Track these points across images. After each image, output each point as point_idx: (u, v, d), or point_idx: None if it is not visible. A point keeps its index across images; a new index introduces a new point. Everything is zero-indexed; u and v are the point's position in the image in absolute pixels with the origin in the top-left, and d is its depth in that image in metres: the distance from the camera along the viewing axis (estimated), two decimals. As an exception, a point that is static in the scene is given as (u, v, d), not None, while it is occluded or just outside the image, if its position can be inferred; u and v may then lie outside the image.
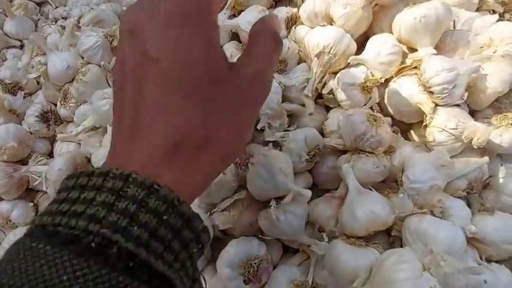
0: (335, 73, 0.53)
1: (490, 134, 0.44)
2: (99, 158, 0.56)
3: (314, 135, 0.52)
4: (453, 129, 0.44)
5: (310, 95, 0.51)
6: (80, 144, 0.62)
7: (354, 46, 0.50)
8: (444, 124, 0.44)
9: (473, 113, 0.50)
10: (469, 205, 0.52)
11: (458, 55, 0.50)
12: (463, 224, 0.45)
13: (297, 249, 0.52)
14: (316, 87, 0.53)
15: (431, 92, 0.47)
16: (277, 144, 0.54)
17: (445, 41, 0.50)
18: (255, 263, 0.46)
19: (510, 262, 0.47)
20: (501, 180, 0.49)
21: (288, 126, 0.55)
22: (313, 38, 0.51)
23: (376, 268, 0.40)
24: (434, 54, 0.47)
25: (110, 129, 0.58)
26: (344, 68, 0.52)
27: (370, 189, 0.47)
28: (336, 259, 0.43)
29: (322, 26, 0.51)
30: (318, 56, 0.50)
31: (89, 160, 0.62)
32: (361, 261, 0.42)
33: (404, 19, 0.47)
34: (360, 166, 0.48)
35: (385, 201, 0.45)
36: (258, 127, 0.53)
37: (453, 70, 0.45)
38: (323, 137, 0.55)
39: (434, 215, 0.44)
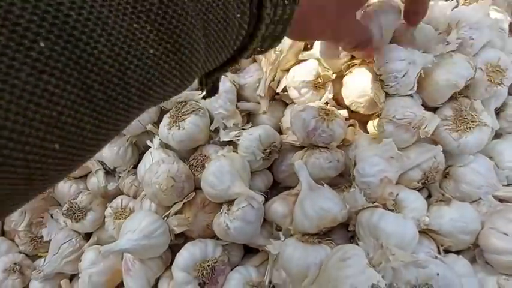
0: (288, 70, 0.52)
1: (437, 122, 0.43)
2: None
3: (268, 132, 0.51)
4: (400, 119, 0.43)
5: (263, 94, 0.50)
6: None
7: (299, 42, 0.49)
8: (392, 114, 0.43)
9: (433, 112, 0.49)
10: (430, 196, 0.51)
11: (417, 48, 0.48)
12: (418, 216, 0.44)
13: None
14: (271, 86, 0.52)
15: (381, 80, 0.45)
16: (233, 144, 0.53)
17: (406, 35, 0.49)
18: (209, 265, 0.45)
19: (471, 252, 0.47)
20: (460, 169, 0.48)
21: (245, 125, 0.54)
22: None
23: (324, 266, 0.39)
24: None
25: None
26: (295, 65, 0.51)
27: (323, 185, 0.46)
28: (288, 258, 0.42)
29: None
30: (264, 54, 0.49)
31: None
32: (311, 259, 0.41)
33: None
34: (313, 162, 0.47)
35: (336, 197, 0.44)
36: (212, 128, 0.53)
37: (404, 59, 0.44)
38: (281, 134, 0.54)
39: (387, 208, 0.44)
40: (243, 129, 0.53)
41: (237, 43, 0.25)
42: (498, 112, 0.55)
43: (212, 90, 0.30)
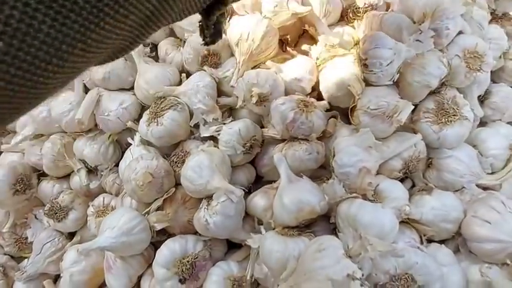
0: (264, 62, 0.51)
1: (410, 110, 0.42)
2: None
3: (248, 126, 0.50)
4: (374, 109, 0.42)
5: (235, 85, 0.50)
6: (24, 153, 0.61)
7: (273, 31, 0.48)
8: (366, 105, 0.42)
9: (415, 106, 0.48)
10: (414, 186, 0.50)
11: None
12: (399, 206, 0.44)
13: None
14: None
15: (365, 65, 0.45)
16: (214, 139, 0.53)
17: (373, 24, 0.48)
18: (188, 261, 0.45)
19: (455, 242, 0.46)
20: (442, 158, 0.47)
21: (226, 119, 0.54)
22: (233, 28, 0.49)
23: (301, 258, 0.39)
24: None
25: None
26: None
27: (302, 177, 0.45)
28: (267, 251, 0.42)
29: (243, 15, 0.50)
30: (237, 44, 0.48)
31: (34, 169, 0.61)
32: (290, 251, 0.40)
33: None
34: (292, 154, 0.46)
35: (315, 188, 0.43)
36: (191, 123, 0.52)
37: (391, 48, 0.43)
38: (263, 127, 0.53)
39: (367, 199, 0.43)
40: (224, 123, 0.52)
41: None
42: (482, 100, 0.54)
43: (215, 34, 0.29)
